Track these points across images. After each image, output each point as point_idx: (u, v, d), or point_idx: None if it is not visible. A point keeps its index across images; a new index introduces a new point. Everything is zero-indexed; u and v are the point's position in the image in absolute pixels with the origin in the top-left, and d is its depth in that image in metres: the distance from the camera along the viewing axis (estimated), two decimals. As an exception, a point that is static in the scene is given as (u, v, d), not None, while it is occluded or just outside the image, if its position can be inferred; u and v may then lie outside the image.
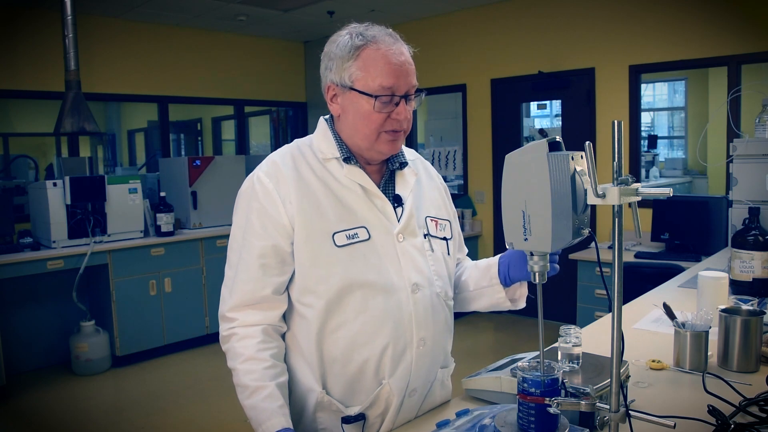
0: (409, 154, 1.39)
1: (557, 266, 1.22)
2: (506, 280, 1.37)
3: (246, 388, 1.20)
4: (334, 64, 1.23)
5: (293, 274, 1.25)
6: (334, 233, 1.23)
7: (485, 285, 1.40)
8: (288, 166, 1.26)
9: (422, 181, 1.39)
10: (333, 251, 1.22)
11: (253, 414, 1.18)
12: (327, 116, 1.34)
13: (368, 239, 1.25)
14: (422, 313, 1.28)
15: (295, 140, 1.36)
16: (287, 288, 1.26)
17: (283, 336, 1.29)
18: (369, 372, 1.25)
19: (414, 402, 1.31)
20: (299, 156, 1.29)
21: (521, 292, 1.40)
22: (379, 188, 1.29)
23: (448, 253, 1.37)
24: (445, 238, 1.37)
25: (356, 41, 1.21)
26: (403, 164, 1.34)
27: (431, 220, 1.35)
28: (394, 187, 1.33)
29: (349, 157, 1.27)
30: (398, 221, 1.28)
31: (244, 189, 1.28)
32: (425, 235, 1.32)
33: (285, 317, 1.28)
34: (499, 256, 1.40)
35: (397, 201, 1.31)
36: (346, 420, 1.24)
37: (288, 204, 1.22)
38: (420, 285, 1.28)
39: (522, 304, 1.40)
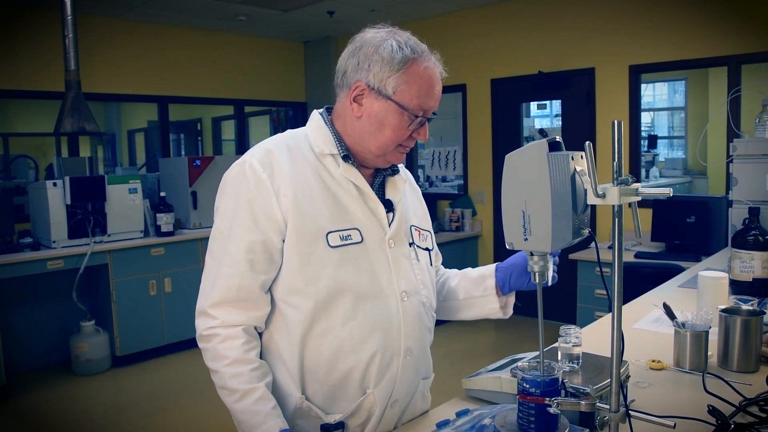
0: None
1: (556, 276, 1.24)
2: (505, 288, 1.37)
3: (234, 392, 1.14)
4: (377, 66, 1.16)
5: (278, 273, 1.19)
6: (328, 233, 1.18)
7: (477, 295, 1.39)
8: (283, 155, 1.20)
9: (407, 189, 1.37)
10: (326, 252, 1.17)
11: (245, 417, 1.14)
12: (321, 110, 1.30)
13: (361, 242, 1.21)
14: (410, 322, 1.25)
15: (288, 131, 1.29)
16: (270, 288, 1.21)
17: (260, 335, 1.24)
18: (354, 380, 1.21)
19: (395, 413, 1.28)
20: (295, 147, 1.23)
21: (510, 300, 1.40)
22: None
23: (431, 263, 1.36)
24: (427, 249, 1.35)
25: (407, 52, 1.17)
26: (395, 171, 1.32)
27: (415, 230, 1.33)
28: (384, 192, 1.30)
29: (347, 155, 1.23)
30: (389, 226, 1.26)
31: (233, 176, 1.21)
32: (410, 244, 1.30)
33: (266, 319, 1.23)
34: (494, 266, 1.40)
35: (387, 206, 1.27)
36: (326, 428, 1.19)
37: (282, 196, 1.16)
38: (408, 293, 1.25)
39: (510, 312, 1.41)
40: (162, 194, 4.69)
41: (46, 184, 4.09)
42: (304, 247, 1.17)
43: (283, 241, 1.18)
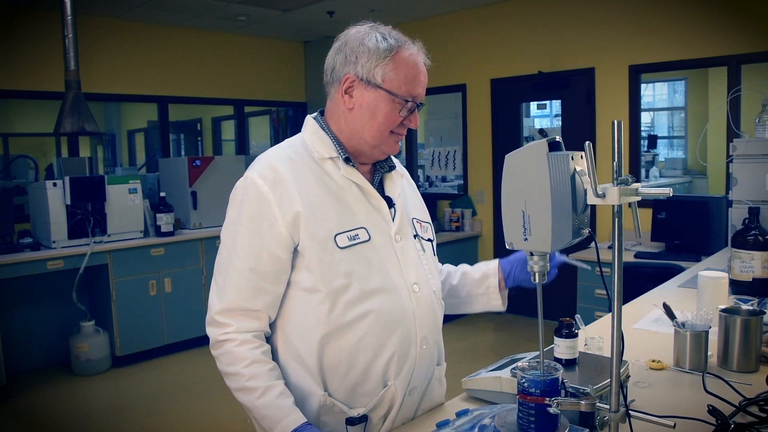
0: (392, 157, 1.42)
1: (556, 270, 1.30)
2: (509, 281, 1.45)
3: (256, 389, 1.18)
4: (364, 57, 1.21)
5: (292, 279, 1.23)
6: (336, 235, 1.21)
7: (480, 293, 1.47)
8: (285, 166, 1.23)
9: (404, 184, 1.41)
10: (336, 253, 1.21)
11: (269, 412, 1.17)
12: (314, 115, 1.33)
13: (368, 240, 1.25)
14: (424, 313, 1.29)
15: (285, 141, 1.33)
16: (285, 293, 1.24)
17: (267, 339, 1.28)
18: (375, 375, 1.24)
19: (413, 401, 1.31)
20: (295, 155, 1.27)
21: (505, 293, 1.48)
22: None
23: (434, 253, 1.41)
24: (430, 239, 1.40)
25: (391, 41, 1.22)
26: (392, 167, 1.36)
27: (417, 222, 1.38)
28: (383, 189, 1.34)
29: (347, 157, 1.27)
30: (392, 221, 1.30)
31: (237, 192, 1.25)
32: (415, 236, 1.34)
33: (280, 322, 1.26)
34: (496, 263, 1.48)
35: (387, 202, 1.31)
36: (350, 422, 1.22)
37: (286, 208, 1.19)
38: (419, 284, 1.29)
39: (506, 304, 1.50)
40: (162, 194, 4.69)
41: (46, 184, 4.09)
42: (315, 251, 1.20)
43: (295, 249, 1.21)
